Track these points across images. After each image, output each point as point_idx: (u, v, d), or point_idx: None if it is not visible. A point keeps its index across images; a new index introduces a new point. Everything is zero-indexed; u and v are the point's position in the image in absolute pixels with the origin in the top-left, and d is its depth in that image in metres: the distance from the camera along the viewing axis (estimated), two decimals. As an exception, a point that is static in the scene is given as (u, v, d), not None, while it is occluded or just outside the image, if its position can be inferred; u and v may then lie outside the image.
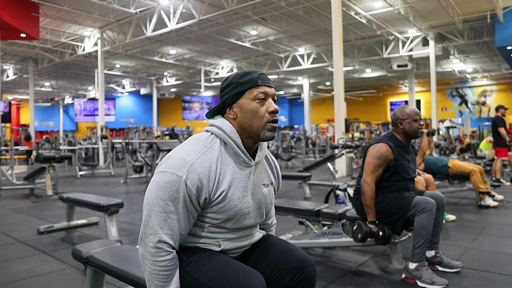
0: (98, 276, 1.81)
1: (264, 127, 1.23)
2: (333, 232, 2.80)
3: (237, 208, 1.23)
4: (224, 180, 1.21)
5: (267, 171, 1.38)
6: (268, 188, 1.36)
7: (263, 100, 1.24)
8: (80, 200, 3.70)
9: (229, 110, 1.27)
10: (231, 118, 1.27)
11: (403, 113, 2.58)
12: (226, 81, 1.28)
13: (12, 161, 7.83)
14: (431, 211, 2.37)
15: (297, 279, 1.27)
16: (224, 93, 1.27)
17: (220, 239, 1.27)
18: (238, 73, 1.27)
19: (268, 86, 1.25)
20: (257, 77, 1.24)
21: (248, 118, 1.23)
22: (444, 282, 2.30)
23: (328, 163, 7.78)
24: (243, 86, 1.24)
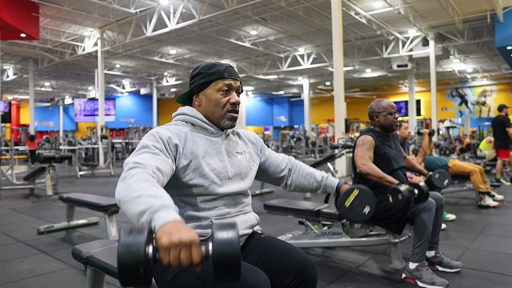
0: (98, 276, 1.81)
1: (224, 116, 1.35)
2: (333, 232, 2.80)
3: (216, 170, 1.30)
4: (197, 146, 1.31)
5: (239, 143, 1.47)
6: (243, 155, 1.44)
7: (227, 92, 1.35)
8: (80, 200, 3.70)
9: (196, 97, 1.39)
10: (196, 105, 1.39)
11: (379, 107, 2.63)
12: (196, 69, 1.39)
13: (12, 161, 7.83)
14: (431, 211, 2.37)
15: (297, 281, 1.27)
16: (193, 81, 1.39)
17: (212, 218, 1.30)
18: (208, 64, 1.38)
19: (234, 79, 1.36)
20: (224, 69, 1.35)
21: (211, 106, 1.35)
22: (444, 283, 2.30)
23: (328, 163, 7.78)
24: (210, 77, 1.34)
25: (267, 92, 27.48)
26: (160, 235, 0.85)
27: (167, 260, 0.84)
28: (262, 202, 3.46)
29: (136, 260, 0.80)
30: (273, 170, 1.60)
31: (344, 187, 1.59)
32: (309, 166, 1.66)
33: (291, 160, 1.66)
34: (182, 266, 1.20)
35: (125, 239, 0.81)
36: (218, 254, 0.83)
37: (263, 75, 20.14)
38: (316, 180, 1.61)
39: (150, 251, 0.83)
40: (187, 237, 0.84)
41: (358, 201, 1.54)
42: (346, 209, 1.53)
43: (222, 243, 0.83)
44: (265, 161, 1.59)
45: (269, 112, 29.90)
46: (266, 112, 29.57)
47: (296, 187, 1.64)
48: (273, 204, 3.24)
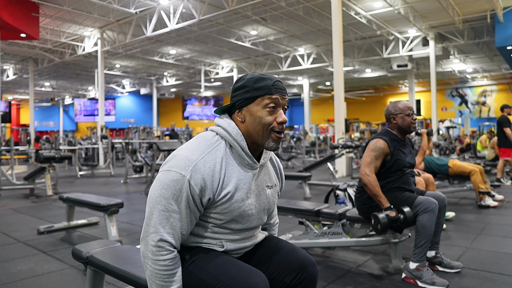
0: (98, 276, 1.81)
1: (269, 136, 1.23)
2: (333, 232, 2.80)
3: (240, 209, 1.22)
4: (229, 181, 1.20)
5: (270, 173, 1.38)
6: (271, 190, 1.36)
7: (274, 109, 1.22)
8: (80, 200, 3.70)
9: (238, 112, 1.25)
10: (238, 121, 1.25)
11: (395, 108, 2.62)
12: (240, 81, 1.26)
13: (12, 161, 7.83)
14: (434, 211, 2.37)
15: (298, 279, 1.27)
16: (236, 94, 1.25)
17: (223, 240, 1.27)
18: (254, 77, 1.24)
19: (282, 96, 1.23)
20: (272, 85, 1.22)
21: (255, 124, 1.22)
22: (444, 283, 2.30)
23: (328, 163, 7.79)
24: (257, 92, 1.22)
25: (267, 92, 27.43)
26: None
27: None
28: (262, 202, 3.46)
29: None
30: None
31: None
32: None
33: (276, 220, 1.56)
34: (182, 265, 1.20)
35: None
36: None
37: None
38: None
39: None
40: None
41: None
42: None
43: None
44: None
45: (269, 112, 29.85)
46: (266, 112, 29.53)
47: None
48: (273, 204, 3.23)
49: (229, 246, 1.27)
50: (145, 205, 1.23)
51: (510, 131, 6.52)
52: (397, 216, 2.34)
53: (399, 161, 2.54)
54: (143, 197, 6.15)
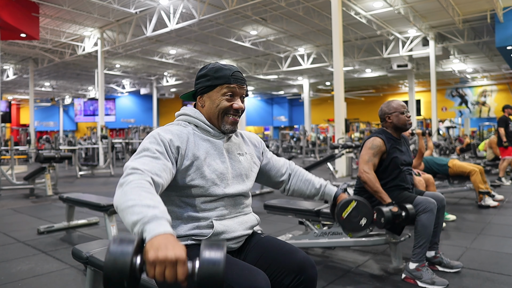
0: (98, 276, 1.80)
1: (224, 119, 1.35)
2: (333, 232, 2.80)
3: (217, 172, 1.30)
4: (198, 148, 1.31)
5: (239, 144, 1.46)
6: (244, 156, 1.44)
7: (231, 96, 1.34)
8: (80, 200, 3.70)
9: (200, 98, 1.38)
10: (199, 106, 1.39)
11: (389, 108, 2.64)
12: (203, 70, 1.38)
13: (12, 161, 7.83)
14: (432, 211, 2.37)
15: (297, 281, 1.27)
16: (199, 82, 1.37)
17: (212, 219, 1.29)
18: (215, 66, 1.36)
19: (239, 85, 1.35)
20: (231, 75, 1.33)
21: (213, 109, 1.34)
22: (444, 282, 2.30)
23: (328, 163, 7.78)
24: (216, 80, 1.33)
25: (267, 92, 27.49)
26: (148, 248, 0.87)
27: (152, 275, 0.85)
28: (262, 202, 3.46)
29: (121, 273, 0.81)
30: (274, 174, 1.60)
31: (341, 196, 1.59)
32: (309, 173, 1.67)
33: (291, 165, 1.66)
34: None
35: (113, 249, 0.83)
36: (203, 274, 0.85)
37: (263, 75, 20.14)
38: (315, 187, 1.62)
39: (138, 261, 0.85)
40: (173, 255, 0.85)
41: (355, 213, 1.56)
42: (343, 220, 1.56)
43: (208, 262, 0.85)
44: (266, 164, 1.58)
45: (269, 112, 29.91)
46: (266, 112, 29.58)
47: (294, 192, 1.64)
48: (273, 204, 3.24)
49: (219, 226, 1.29)
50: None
51: (503, 131, 6.62)
52: (399, 212, 2.32)
53: (396, 159, 2.55)
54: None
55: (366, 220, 1.57)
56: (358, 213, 1.56)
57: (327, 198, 1.63)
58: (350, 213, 1.55)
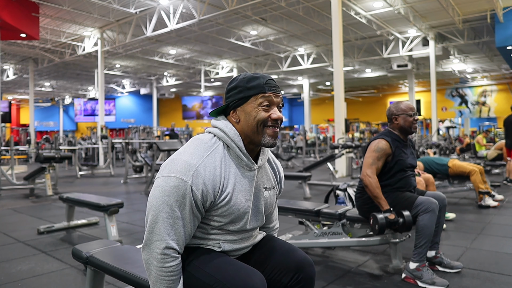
0: (98, 276, 1.81)
1: (264, 132, 1.23)
2: (333, 232, 2.80)
3: (240, 212, 1.23)
4: (228, 183, 1.20)
5: (268, 174, 1.37)
6: (270, 192, 1.35)
7: (268, 107, 1.23)
8: (80, 200, 3.70)
9: (233, 113, 1.26)
10: (234, 121, 1.26)
11: (397, 109, 2.63)
12: (233, 82, 1.27)
13: (12, 161, 7.83)
14: (434, 212, 2.37)
15: (296, 279, 1.27)
16: (230, 95, 1.26)
17: (220, 241, 1.27)
18: (246, 76, 1.25)
19: (275, 94, 1.24)
20: (265, 83, 1.23)
21: (250, 123, 1.22)
22: (444, 283, 2.30)
23: (328, 163, 7.78)
24: (250, 91, 1.22)
25: (267, 92, 27.44)
26: None
27: None
28: (262, 202, 3.45)
29: None
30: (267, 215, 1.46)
31: None
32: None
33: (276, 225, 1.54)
34: None
35: None
36: None
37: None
38: None
39: None
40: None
41: None
42: None
43: None
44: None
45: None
46: (266, 112, 29.52)
47: None
48: (273, 204, 3.23)
49: (227, 247, 1.27)
50: (145, 205, 1.24)
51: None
52: (396, 219, 2.35)
53: (401, 162, 2.55)
54: (143, 197, 6.15)
55: None
56: None
57: None
58: None
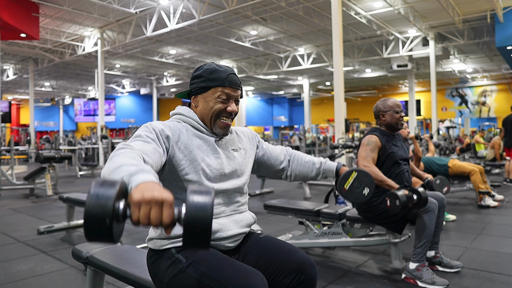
0: (98, 276, 1.81)
1: (216, 123, 1.35)
2: (333, 232, 2.80)
3: (211, 167, 1.31)
4: (192, 141, 1.32)
5: (233, 140, 1.46)
6: (238, 152, 1.44)
7: (225, 100, 1.34)
8: (80, 200, 3.70)
9: (194, 98, 1.39)
10: (193, 106, 1.40)
11: (385, 106, 2.66)
12: (198, 70, 1.38)
13: (12, 161, 7.83)
14: (434, 211, 2.37)
15: (297, 280, 1.27)
16: (194, 82, 1.38)
17: None
18: (210, 67, 1.35)
19: (234, 89, 1.34)
20: (226, 77, 1.33)
21: (206, 111, 1.35)
22: (444, 283, 2.30)
23: (328, 163, 7.77)
24: (211, 82, 1.33)
25: (267, 92, 27.47)
26: (133, 192, 0.83)
27: (137, 217, 0.81)
28: (262, 202, 3.46)
29: (104, 211, 0.76)
30: (273, 163, 1.60)
31: (342, 169, 1.60)
32: (306, 154, 1.67)
33: (288, 151, 1.66)
34: (179, 267, 1.20)
35: (96, 190, 0.78)
36: (190, 218, 0.79)
37: (263, 75, 20.13)
38: (315, 167, 1.63)
39: (121, 206, 0.81)
40: (159, 195, 0.81)
41: (357, 183, 1.56)
42: (346, 191, 1.56)
43: (195, 207, 0.80)
44: (263, 155, 1.59)
45: (269, 112, 29.89)
46: (266, 112, 29.57)
47: (297, 176, 1.65)
48: (273, 204, 3.24)
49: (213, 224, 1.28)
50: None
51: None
52: (410, 194, 2.27)
53: (393, 154, 2.56)
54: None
55: (368, 189, 1.56)
56: (360, 183, 1.56)
57: (329, 174, 1.64)
58: (352, 184, 1.55)
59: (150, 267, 1.31)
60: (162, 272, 1.24)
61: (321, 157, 1.68)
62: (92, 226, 0.76)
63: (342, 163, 1.65)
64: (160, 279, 1.25)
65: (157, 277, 1.27)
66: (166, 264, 1.23)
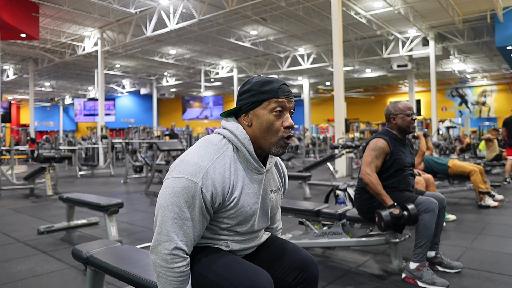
0: (98, 276, 1.81)
1: (277, 142, 1.21)
2: (333, 232, 2.80)
3: (247, 214, 1.23)
4: (236, 186, 1.20)
5: (275, 177, 1.37)
6: (275, 194, 1.36)
7: (281, 113, 1.21)
8: (80, 200, 3.70)
9: (245, 116, 1.24)
10: (245, 124, 1.24)
11: (395, 108, 2.63)
12: (246, 85, 1.25)
13: (12, 161, 7.83)
14: (434, 212, 2.37)
15: (300, 278, 1.29)
16: (242, 98, 1.24)
17: (228, 241, 1.28)
18: (260, 80, 1.23)
19: (288, 99, 1.22)
20: (279, 87, 1.21)
21: (262, 129, 1.21)
22: (444, 283, 2.30)
23: (328, 163, 7.78)
24: (263, 95, 1.21)
25: (267, 92, 27.43)
26: None
27: None
28: (262, 202, 3.45)
29: None
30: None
31: None
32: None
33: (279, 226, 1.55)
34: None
35: None
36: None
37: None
38: None
39: None
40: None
41: None
42: None
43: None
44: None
45: (269, 112, 29.84)
46: (266, 112, 29.51)
47: None
48: (273, 204, 3.23)
49: (234, 246, 1.28)
50: (145, 205, 1.24)
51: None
52: (401, 214, 2.34)
53: (399, 161, 2.55)
54: (143, 197, 6.15)
55: None
56: None
57: None
58: None
59: None
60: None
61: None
62: None
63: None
64: None
65: None
66: None
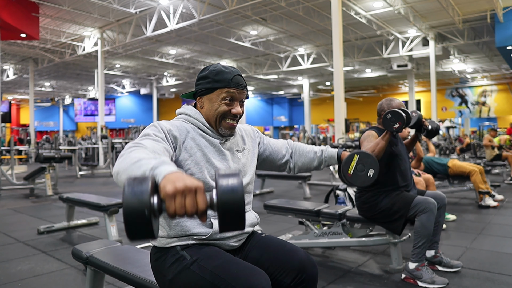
0: (98, 276, 1.81)
1: (221, 124, 1.35)
2: (333, 232, 2.80)
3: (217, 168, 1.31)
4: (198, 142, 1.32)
5: (237, 140, 1.46)
6: (242, 153, 1.45)
7: (230, 101, 1.34)
8: (80, 200, 3.70)
9: (199, 99, 1.39)
10: (199, 107, 1.40)
11: (389, 106, 2.63)
12: (204, 71, 1.37)
13: (12, 161, 7.83)
14: (432, 211, 2.37)
15: (298, 279, 1.28)
16: (199, 83, 1.38)
17: (211, 218, 1.29)
18: (216, 69, 1.35)
19: (239, 90, 1.34)
20: (231, 79, 1.33)
21: (212, 112, 1.35)
22: (444, 282, 2.30)
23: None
24: (216, 83, 1.33)
25: (267, 92, 27.48)
26: (164, 184, 0.83)
27: (173, 209, 0.81)
28: (262, 202, 3.46)
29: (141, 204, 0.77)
30: (275, 157, 1.60)
31: (344, 154, 1.59)
32: (307, 145, 1.67)
33: (290, 143, 1.66)
34: (183, 264, 1.20)
35: (130, 187, 0.79)
36: (223, 201, 0.81)
37: (263, 75, 20.13)
38: (316, 156, 1.63)
39: (155, 201, 0.81)
40: (191, 183, 0.82)
41: (361, 166, 1.51)
42: (351, 176, 1.51)
43: (226, 190, 0.82)
44: (265, 150, 1.59)
45: (269, 112, 29.91)
46: (266, 112, 29.58)
47: (300, 168, 1.64)
48: (273, 204, 3.24)
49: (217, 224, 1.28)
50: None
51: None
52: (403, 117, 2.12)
53: (395, 151, 2.55)
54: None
55: (373, 171, 1.51)
56: (364, 165, 1.51)
57: (331, 161, 1.63)
58: (356, 168, 1.51)
59: (154, 264, 1.31)
60: (166, 269, 1.24)
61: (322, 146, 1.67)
62: (133, 221, 0.77)
63: (342, 149, 1.63)
64: (163, 275, 1.25)
65: (160, 273, 1.27)
66: (170, 261, 1.24)
